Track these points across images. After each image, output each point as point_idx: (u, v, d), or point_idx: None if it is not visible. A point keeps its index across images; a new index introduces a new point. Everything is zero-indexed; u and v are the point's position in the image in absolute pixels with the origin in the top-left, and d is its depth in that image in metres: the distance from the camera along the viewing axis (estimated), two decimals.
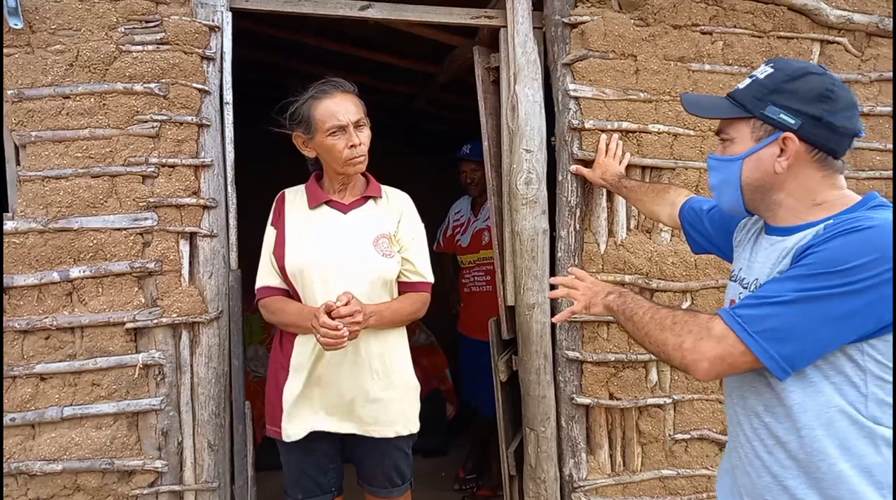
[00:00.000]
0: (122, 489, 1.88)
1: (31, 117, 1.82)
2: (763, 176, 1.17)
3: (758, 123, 1.16)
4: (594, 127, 2.12)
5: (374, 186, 1.93)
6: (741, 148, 1.19)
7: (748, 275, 1.25)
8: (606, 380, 2.17)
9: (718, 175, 1.25)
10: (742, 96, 1.19)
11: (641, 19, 2.18)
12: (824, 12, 2.26)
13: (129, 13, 1.87)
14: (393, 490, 1.91)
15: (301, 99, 1.81)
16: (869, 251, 1.01)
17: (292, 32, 3.17)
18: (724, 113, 1.21)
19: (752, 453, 1.20)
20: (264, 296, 1.85)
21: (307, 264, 1.78)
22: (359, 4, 2.14)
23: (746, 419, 1.22)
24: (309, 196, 1.89)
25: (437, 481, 3.54)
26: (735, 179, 1.21)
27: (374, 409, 1.82)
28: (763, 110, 1.15)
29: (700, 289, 2.20)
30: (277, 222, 1.88)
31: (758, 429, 1.19)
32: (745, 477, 1.23)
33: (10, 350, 1.82)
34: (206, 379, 1.93)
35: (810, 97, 1.11)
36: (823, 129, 1.11)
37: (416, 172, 4.74)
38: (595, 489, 2.18)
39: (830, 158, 1.14)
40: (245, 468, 2.00)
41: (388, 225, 1.89)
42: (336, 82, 1.81)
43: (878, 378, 1.06)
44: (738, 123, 1.19)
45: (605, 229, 2.18)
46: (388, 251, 1.84)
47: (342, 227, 1.84)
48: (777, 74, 1.15)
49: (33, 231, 1.81)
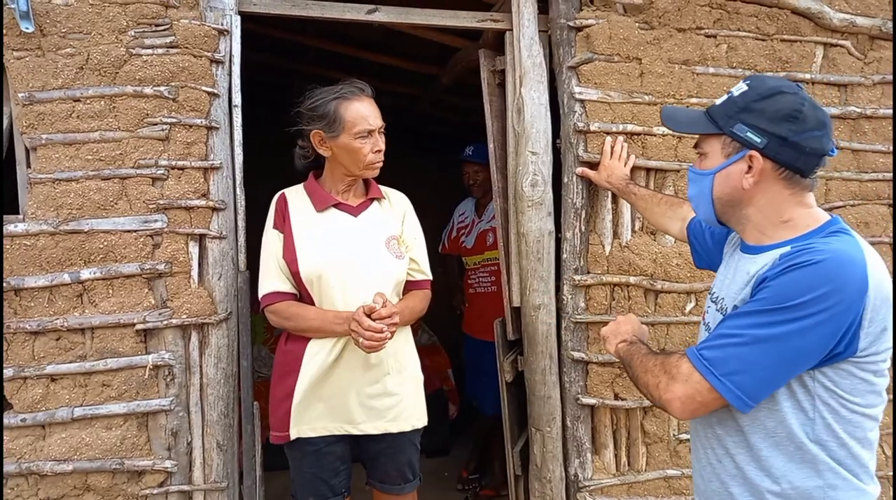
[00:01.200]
0: (132, 490, 1.89)
1: (41, 120, 1.84)
2: (732, 191, 1.21)
3: (727, 140, 1.20)
4: (599, 129, 2.14)
5: (375, 187, 1.95)
6: (713, 163, 1.23)
7: (720, 292, 1.29)
8: (611, 380, 2.18)
9: (695, 187, 1.30)
10: (716, 113, 1.22)
11: (646, 23, 2.19)
12: (827, 16, 2.27)
13: (139, 17, 1.89)
14: (405, 486, 1.93)
15: (325, 97, 1.79)
16: (819, 285, 1.05)
17: (296, 35, 3.19)
18: (698, 128, 1.26)
19: (704, 459, 1.28)
20: (274, 301, 1.82)
21: (325, 269, 1.78)
22: (366, 8, 2.16)
23: (702, 428, 1.28)
24: (314, 198, 1.88)
25: (440, 480, 3.56)
26: (707, 193, 1.25)
27: (391, 405, 1.84)
28: (732, 128, 1.18)
29: (704, 290, 2.22)
30: (282, 226, 1.85)
31: (710, 438, 1.26)
32: (700, 479, 1.31)
33: (21, 351, 1.83)
34: (215, 380, 1.95)
35: (777, 117, 1.14)
36: (789, 148, 1.14)
37: (419, 174, 4.77)
38: (600, 488, 2.20)
39: (797, 176, 1.17)
40: (253, 467, 2.02)
41: (395, 227, 1.92)
42: (361, 85, 1.82)
43: (826, 404, 1.12)
44: (712, 139, 1.23)
45: (609, 231, 2.20)
46: (399, 253, 1.88)
47: (354, 230, 1.85)
48: (749, 93, 1.19)
49: (44, 233, 1.83)
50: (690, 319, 2.21)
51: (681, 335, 2.22)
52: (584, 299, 2.18)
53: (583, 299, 2.18)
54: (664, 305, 2.21)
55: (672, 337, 2.21)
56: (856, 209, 2.34)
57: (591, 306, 2.17)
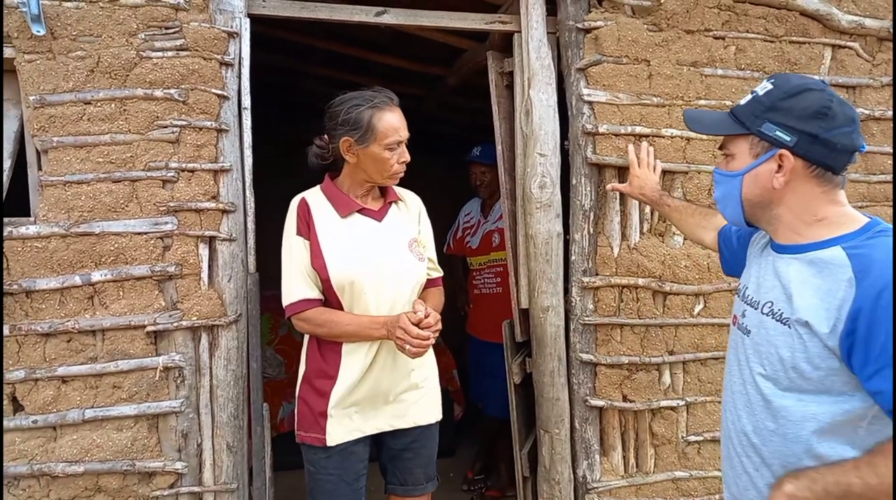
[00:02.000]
0: (143, 491, 1.90)
1: (52, 123, 1.84)
2: (762, 192, 1.20)
3: (755, 140, 1.18)
4: (608, 131, 2.14)
5: (391, 190, 1.94)
6: (740, 164, 1.22)
7: (756, 295, 1.26)
8: (620, 382, 2.19)
9: (722, 188, 1.28)
10: (741, 113, 1.21)
11: (654, 24, 2.19)
12: (836, 17, 2.27)
13: (149, 20, 1.89)
14: (427, 486, 1.95)
15: (360, 105, 1.76)
16: None
17: (304, 36, 3.19)
18: (724, 129, 1.24)
19: (739, 467, 1.25)
20: (305, 309, 1.77)
21: (357, 275, 1.76)
22: (374, 10, 2.16)
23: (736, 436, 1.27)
24: (337, 203, 1.84)
25: (445, 481, 3.52)
26: (736, 194, 1.23)
27: (418, 398, 1.88)
28: (759, 127, 1.17)
29: (713, 292, 2.22)
30: (307, 233, 1.80)
31: (745, 447, 1.23)
32: (735, 487, 1.28)
33: (33, 353, 1.84)
34: (224, 381, 1.95)
35: (806, 115, 1.13)
36: (819, 146, 1.13)
37: (426, 174, 4.77)
38: (608, 490, 2.20)
39: (829, 173, 1.16)
40: (263, 468, 2.02)
41: (413, 229, 1.93)
42: (390, 94, 1.81)
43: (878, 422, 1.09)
44: (738, 140, 1.22)
45: (618, 233, 2.20)
46: (420, 255, 1.89)
47: (381, 235, 1.84)
48: (775, 91, 1.17)
49: (55, 235, 1.83)
50: (699, 320, 2.22)
51: (689, 337, 2.22)
52: (593, 301, 2.18)
53: (591, 300, 2.18)
54: (672, 306, 2.21)
55: (680, 339, 2.21)
56: (864, 211, 2.32)
57: (599, 308, 2.17)
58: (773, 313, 1.19)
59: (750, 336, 1.24)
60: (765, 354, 1.19)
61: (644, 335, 2.20)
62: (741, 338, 1.28)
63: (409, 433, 1.89)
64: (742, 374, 1.26)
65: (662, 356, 2.20)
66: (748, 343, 1.24)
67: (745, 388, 1.24)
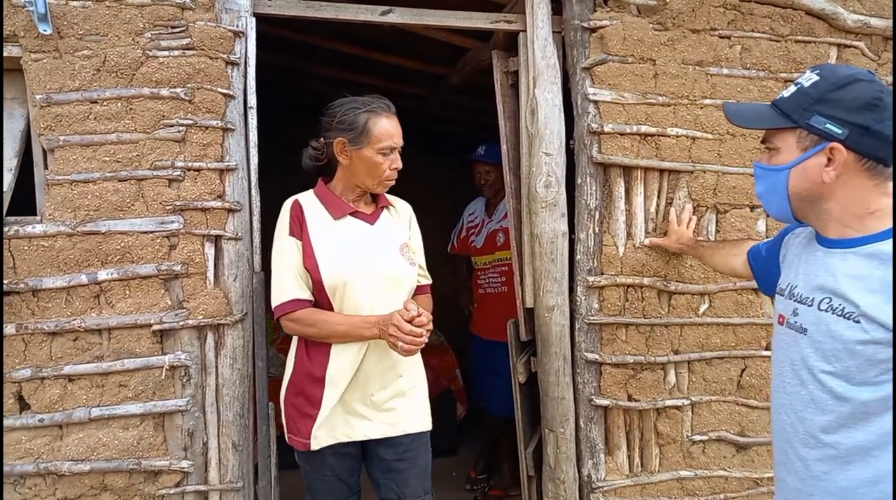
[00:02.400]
0: (149, 489, 1.90)
1: (59, 122, 1.85)
2: (811, 186, 1.17)
3: (803, 133, 1.16)
4: (613, 130, 2.14)
5: (382, 196, 1.96)
6: (787, 157, 1.19)
7: (811, 293, 1.23)
8: (625, 382, 2.19)
9: (765, 184, 1.25)
10: (787, 105, 1.18)
11: (660, 23, 2.19)
12: (841, 16, 2.27)
13: (155, 19, 1.89)
14: (425, 498, 1.91)
15: (357, 108, 1.80)
16: None
17: (307, 35, 3.19)
18: (769, 123, 1.21)
19: (804, 471, 1.21)
20: (295, 309, 1.78)
21: (350, 276, 1.77)
22: (380, 9, 2.16)
23: (804, 436, 1.22)
24: (330, 206, 1.86)
25: (448, 481, 3.56)
26: (782, 189, 1.21)
27: (405, 405, 1.86)
28: (808, 120, 1.14)
29: (718, 291, 2.22)
30: (299, 233, 1.82)
31: (817, 448, 1.20)
32: (798, 495, 1.25)
33: (39, 352, 1.84)
34: (230, 380, 1.95)
35: (857, 106, 1.10)
36: (871, 138, 1.10)
37: (429, 174, 4.77)
38: (613, 489, 2.20)
39: (881, 166, 1.13)
40: (269, 467, 2.03)
41: (404, 234, 1.95)
42: (387, 102, 1.84)
43: None
44: (784, 133, 1.19)
45: (623, 232, 2.19)
46: (412, 260, 1.90)
47: (373, 238, 1.86)
48: (822, 83, 1.14)
49: (62, 234, 1.83)
50: (704, 320, 2.21)
51: (694, 337, 2.22)
52: (598, 301, 2.18)
53: (596, 300, 2.18)
54: (678, 306, 2.21)
55: (686, 338, 2.21)
56: None
57: (604, 308, 2.17)
58: (832, 308, 1.16)
59: (808, 334, 1.21)
60: (830, 351, 1.16)
61: (649, 335, 2.20)
62: (794, 337, 1.24)
63: (400, 442, 1.86)
64: (799, 374, 1.23)
65: (667, 356, 2.20)
66: (805, 342, 1.21)
67: (806, 387, 1.21)
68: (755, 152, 2.23)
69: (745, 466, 2.28)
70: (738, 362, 2.27)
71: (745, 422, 2.27)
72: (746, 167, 2.22)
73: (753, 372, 2.27)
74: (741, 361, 2.27)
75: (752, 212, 2.25)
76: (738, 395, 2.27)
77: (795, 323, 1.25)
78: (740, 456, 2.29)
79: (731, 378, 2.26)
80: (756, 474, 2.27)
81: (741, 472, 2.27)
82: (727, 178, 2.21)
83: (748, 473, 2.27)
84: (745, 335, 2.26)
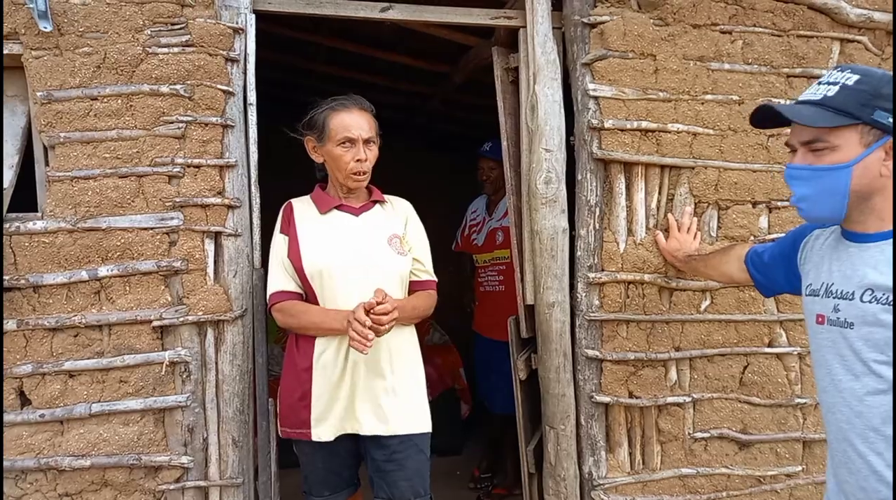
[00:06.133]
0: (149, 485, 1.91)
1: (59, 119, 1.85)
2: (870, 181, 1.18)
3: (866, 129, 1.17)
4: (613, 126, 2.13)
5: (377, 192, 2.03)
6: (849, 154, 1.18)
7: (850, 287, 1.23)
8: (626, 378, 2.18)
9: (815, 185, 1.23)
10: (843, 104, 1.18)
11: (661, 19, 2.18)
12: (844, 11, 2.25)
13: (155, 16, 1.90)
14: None
15: (319, 107, 1.91)
16: None
17: (308, 33, 3.19)
18: (830, 121, 1.19)
19: (865, 468, 1.20)
20: (280, 300, 1.87)
21: (326, 264, 1.83)
22: (379, 6, 2.16)
23: (862, 431, 1.21)
24: (318, 203, 1.96)
25: (452, 479, 3.56)
26: (842, 187, 1.19)
27: (396, 405, 1.85)
28: (872, 116, 1.15)
29: (719, 288, 2.20)
30: (288, 229, 1.92)
31: (875, 442, 1.19)
32: (861, 492, 1.23)
33: (40, 348, 1.85)
34: (230, 376, 1.96)
35: None
36: None
37: (430, 171, 4.77)
38: (614, 487, 2.19)
39: None
40: (269, 464, 2.03)
41: (397, 227, 1.98)
42: (356, 99, 1.91)
43: None
44: (843, 131, 1.18)
45: (624, 229, 2.18)
46: (402, 250, 1.93)
47: (356, 228, 1.91)
48: (869, 79, 1.17)
49: (62, 231, 1.84)
50: (705, 316, 2.20)
51: (696, 333, 2.21)
52: (599, 297, 2.17)
53: (597, 296, 2.17)
54: (679, 302, 2.19)
55: (687, 335, 2.20)
56: None
57: (605, 304, 2.16)
58: (876, 299, 1.17)
59: (854, 328, 1.21)
60: (882, 340, 1.16)
61: (650, 331, 2.19)
62: (840, 333, 1.24)
63: (388, 444, 1.85)
64: (851, 369, 1.22)
65: (669, 353, 2.18)
66: (853, 335, 1.21)
67: (860, 380, 1.21)
68: (757, 148, 2.21)
69: (747, 463, 2.27)
70: (741, 359, 2.26)
71: (747, 419, 2.25)
72: (748, 163, 2.21)
73: (756, 369, 2.25)
74: (743, 358, 2.26)
75: (755, 208, 2.23)
76: (741, 392, 2.25)
77: (839, 319, 1.25)
78: (742, 454, 2.27)
79: (733, 375, 2.25)
80: (758, 471, 2.26)
81: (743, 470, 2.25)
82: (729, 173, 2.20)
83: (750, 471, 2.25)
84: (747, 332, 2.24)
